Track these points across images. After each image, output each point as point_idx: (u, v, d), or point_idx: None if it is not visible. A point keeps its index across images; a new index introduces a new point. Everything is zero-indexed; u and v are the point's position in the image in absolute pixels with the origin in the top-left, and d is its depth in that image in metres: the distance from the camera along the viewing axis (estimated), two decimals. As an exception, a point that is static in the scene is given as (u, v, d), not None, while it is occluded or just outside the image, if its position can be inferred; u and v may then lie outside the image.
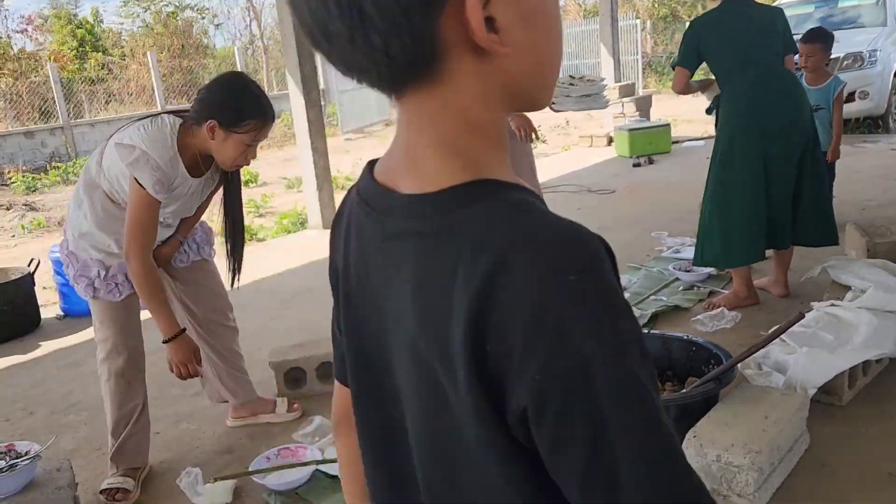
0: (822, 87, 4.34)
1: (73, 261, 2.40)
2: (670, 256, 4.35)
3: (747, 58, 3.25)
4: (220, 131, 2.19)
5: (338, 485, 2.32)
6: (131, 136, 2.19)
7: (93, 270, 2.36)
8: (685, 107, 13.34)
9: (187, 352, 2.33)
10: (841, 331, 2.63)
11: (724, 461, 2.01)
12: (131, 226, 2.19)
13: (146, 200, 2.17)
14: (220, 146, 2.23)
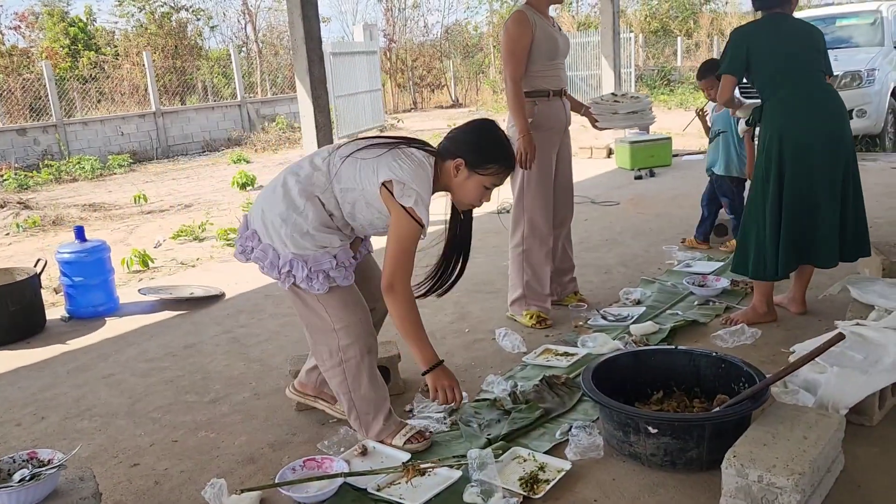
0: (723, 111, 4.57)
1: (300, 262, 2.37)
2: (682, 270, 4.35)
3: (793, 68, 3.25)
4: (464, 170, 2.35)
5: (366, 498, 2.28)
6: (392, 168, 2.28)
7: (325, 262, 2.37)
8: (681, 121, 13.42)
9: (451, 377, 2.42)
10: (869, 351, 2.63)
11: (766, 482, 1.99)
12: (400, 256, 2.28)
13: (416, 233, 2.29)
14: (461, 184, 2.38)
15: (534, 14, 3.50)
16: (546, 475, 2.32)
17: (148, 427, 2.92)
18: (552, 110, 3.59)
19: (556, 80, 3.59)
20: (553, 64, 3.56)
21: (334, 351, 2.47)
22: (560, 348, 3.35)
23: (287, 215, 2.37)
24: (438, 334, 3.69)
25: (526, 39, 3.45)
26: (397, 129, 17.06)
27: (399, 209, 2.24)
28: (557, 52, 3.57)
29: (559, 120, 3.64)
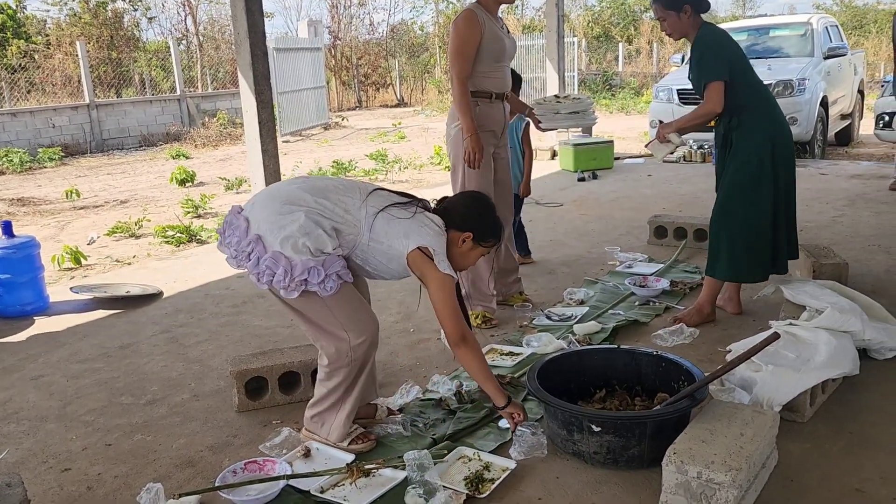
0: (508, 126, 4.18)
1: (318, 267, 2.34)
2: (624, 271, 4.43)
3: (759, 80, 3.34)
4: (471, 242, 2.51)
5: (309, 500, 2.25)
6: (423, 236, 2.41)
7: (338, 264, 2.38)
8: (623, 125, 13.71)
9: (520, 407, 2.57)
10: (801, 350, 2.73)
11: (705, 478, 2.04)
12: (453, 312, 2.44)
13: (451, 284, 2.43)
14: (466, 254, 2.54)
15: (483, 14, 3.48)
16: (491, 474, 2.32)
17: (80, 430, 2.81)
18: (492, 112, 3.61)
19: (500, 83, 3.60)
20: (499, 66, 3.56)
21: (344, 351, 2.44)
22: (505, 348, 3.37)
23: (310, 229, 2.34)
24: (383, 334, 3.65)
25: (475, 40, 3.43)
26: (342, 126, 16.92)
27: (437, 272, 2.40)
28: (504, 55, 3.57)
29: (498, 122, 3.66)
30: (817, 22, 9.84)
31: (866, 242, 4.88)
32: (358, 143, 13.62)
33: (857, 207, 5.94)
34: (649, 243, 5.08)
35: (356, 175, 9.48)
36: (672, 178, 7.63)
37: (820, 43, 9.37)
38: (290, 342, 3.54)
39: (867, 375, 2.85)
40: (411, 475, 2.28)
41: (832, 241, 4.85)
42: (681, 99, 9.05)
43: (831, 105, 9.30)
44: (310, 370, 2.96)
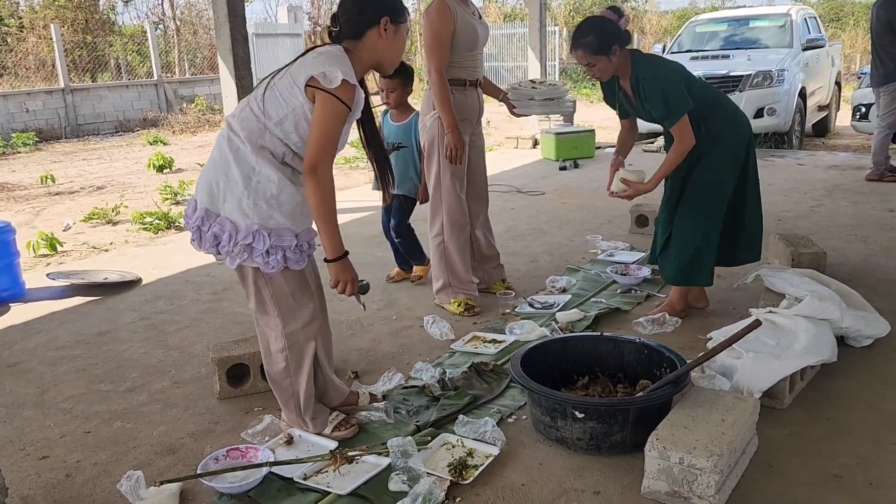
0: (404, 124, 3.94)
1: (264, 233, 2.27)
2: (606, 259, 4.45)
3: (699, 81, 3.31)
4: (391, 26, 2.32)
5: (292, 487, 2.24)
6: (308, 66, 2.21)
7: (287, 239, 2.30)
8: (602, 115, 13.75)
9: (352, 272, 2.38)
10: (781, 337, 2.75)
11: (687, 463, 2.06)
12: (324, 139, 2.21)
13: (342, 113, 2.21)
14: (391, 44, 2.33)
15: (454, 3, 3.46)
16: (475, 461, 2.33)
17: (58, 418, 2.77)
18: (467, 101, 3.59)
19: (473, 71, 3.57)
20: (472, 55, 3.54)
21: (278, 336, 2.42)
22: (488, 335, 3.37)
23: (247, 181, 2.27)
24: (366, 321, 3.65)
25: (448, 29, 3.41)
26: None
27: (323, 96, 2.18)
28: (477, 43, 3.55)
29: (472, 111, 3.65)
30: (796, 13, 9.92)
31: (844, 232, 4.94)
32: (338, 130, 13.52)
33: (835, 198, 6.01)
34: (631, 232, 5.11)
35: (337, 163, 9.43)
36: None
37: (799, 34, 9.45)
38: (272, 329, 3.52)
39: (845, 363, 2.89)
40: (395, 462, 2.28)
41: (810, 230, 4.91)
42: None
43: (809, 96, 9.40)
44: (292, 357, 2.94)
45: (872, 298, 3.36)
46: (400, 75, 3.73)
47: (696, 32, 10.31)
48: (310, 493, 2.21)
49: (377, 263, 4.63)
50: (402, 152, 3.95)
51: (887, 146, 6.56)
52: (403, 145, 3.94)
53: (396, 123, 3.96)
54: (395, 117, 3.97)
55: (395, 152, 3.91)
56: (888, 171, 6.53)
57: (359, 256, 4.78)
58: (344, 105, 2.20)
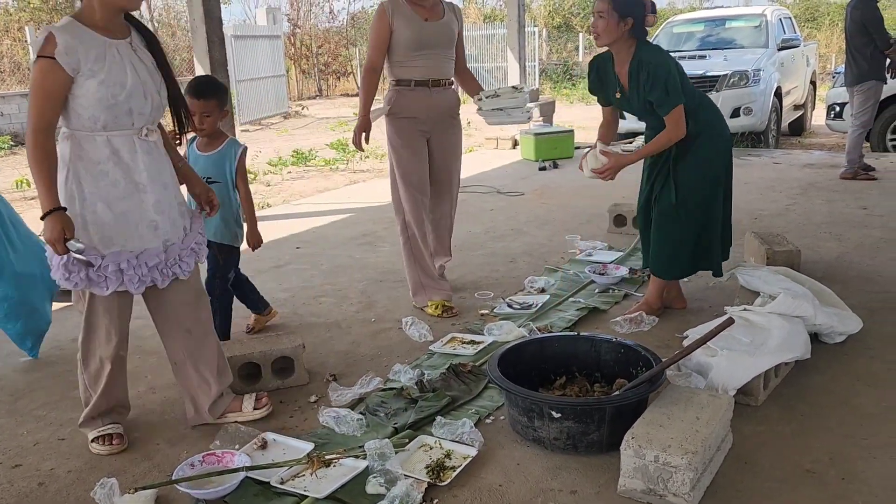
0: (214, 154, 3.16)
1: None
2: (584, 259, 4.47)
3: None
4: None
5: (269, 492, 2.23)
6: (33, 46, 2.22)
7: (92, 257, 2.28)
8: (582, 115, 13.81)
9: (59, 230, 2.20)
10: (755, 334, 2.78)
11: (662, 461, 2.07)
12: (31, 100, 2.19)
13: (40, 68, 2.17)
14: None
15: (396, 6, 3.54)
16: (452, 462, 2.33)
17: (31, 425, 2.74)
18: (412, 100, 3.60)
19: (420, 71, 3.58)
20: (419, 54, 3.55)
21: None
22: (466, 336, 3.37)
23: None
24: (344, 324, 3.64)
25: (381, 31, 3.55)
26: (302, 115, 16.73)
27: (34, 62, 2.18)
28: (421, 43, 3.55)
29: (422, 110, 3.62)
30: (771, 14, 10.04)
31: (818, 230, 5.00)
32: (318, 132, 13.48)
33: (810, 196, 6.08)
34: (609, 232, 5.14)
35: (317, 165, 9.39)
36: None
37: (774, 34, 9.56)
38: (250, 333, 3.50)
39: (818, 359, 2.92)
40: (372, 464, 2.28)
41: (785, 228, 4.97)
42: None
43: (785, 95, 9.51)
44: (270, 361, 2.93)
45: (845, 296, 3.40)
46: (214, 95, 3.09)
47: (674, 33, 10.39)
48: (287, 497, 2.20)
49: (356, 266, 4.62)
50: (217, 189, 3.00)
51: (861, 145, 6.65)
52: (214, 180, 3.11)
53: (204, 154, 3.17)
54: (203, 146, 3.18)
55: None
56: (862, 170, 6.62)
57: (337, 259, 4.78)
58: (44, 59, 2.15)
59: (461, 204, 6.24)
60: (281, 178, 8.65)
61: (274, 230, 5.60)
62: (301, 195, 7.49)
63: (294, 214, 6.29)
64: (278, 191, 7.87)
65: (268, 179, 8.60)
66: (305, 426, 2.65)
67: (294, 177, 8.74)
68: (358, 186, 7.67)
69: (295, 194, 7.59)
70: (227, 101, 3.25)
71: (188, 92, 3.00)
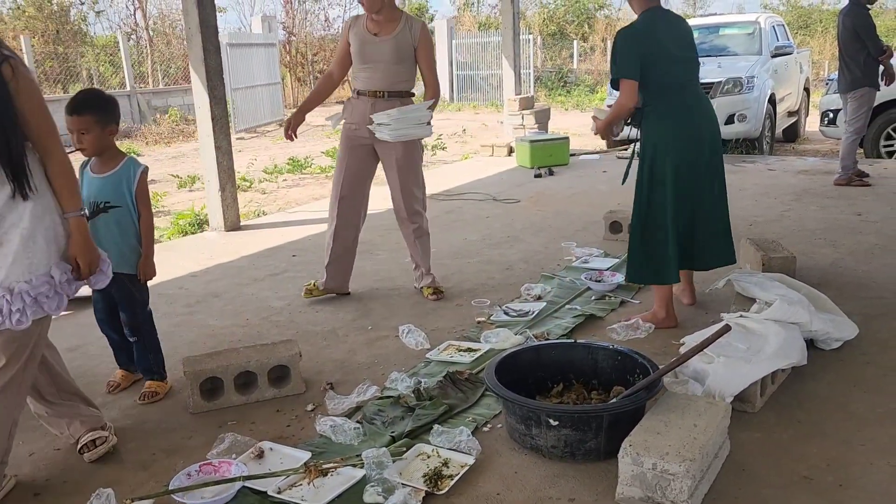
0: (110, 175, 2.85)
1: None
2: (580, 266, 4.47)
3: (678, 73, 3.29)
4: None
5: (266, 501, 2.22)
6: None
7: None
8: (577, 122, 13.86)
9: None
10: (752, 341, 2.79)
11: (660, 469, 2.07)
12: None
13: None
14: None
15: (356, 21, 3.85)
16: (450, 470, 2.32)
17: (27, 436, 2.72)
18: (354, 108, 3.86)
19: (363, 82, 3.82)
20: (364, 67, 3.80)
21: None
22: (463, 344, 3.37)
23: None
24: (341, 332, 3.64)
25: (341, 43, 3.93)
26: (297, 123, 16.73)
27: None
28: (364, 57, 3.79)
29: (361, 119, 3.82)
30: (765, 21, 10.09)
31: (813, 236, 5.02)
32: (314, 139, 13.48)
33: (804, 202, 6.10)
34: (605, 238, 5.14)
35: (312, 173, 9.38)
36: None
37: (767, 41, 9.61)
38: (246, 342, 3.49)
39: (814, 366, 2.93)
40: (370, 473, 2.27)
41: (780, 234, 4.98)
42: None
43: (779, 102, 9.56)
44: (266, 370, 2.93)
45: (841, 302, 3.41)
46: (90, 111, 2.74)
47: (668, 40, 10.42)
48: (284, 506, 2.19)
49: (352, 274, 4.61)
50: (114, 215, 2.83)
51: (854, 151, 6.69)
52: (113, 205, 2.83)
53: (98, 175, 2.86)
54: (97, 167, 2.88)
55: (102, 215, 2.83)
56: (856, 176, 6.64)
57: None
58: None
59: (456, 211, 6.28)
60: (276, 186, 8.65)
61: (270, 238, 5.60)
62: (297, 203, 7.49)
63: (290, 222, 6.28)
64: (274, 199, 7.87)
65: (263, 187, 8.60)
66: (302, 435, 2.64)
67: (290, 184, 8.74)
68: (354, 194, 7.67)
69: (291, 202, 7.59)
70: (111, 116, 2.81)
71: (65, 108, 2.73)
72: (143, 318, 3.00)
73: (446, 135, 12.30)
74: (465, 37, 20.86)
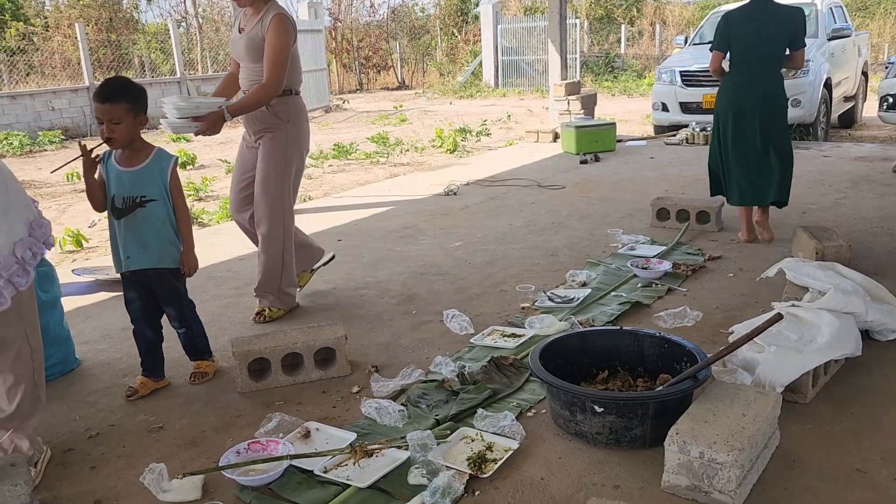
0: (141, 169, 2.75)
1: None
2: (626, 253, 4.42)
3: (742, 55, 4.36)
4: None
5: (312, 480, 2.26)
6: None
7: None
8: (623, 107, 13.65)
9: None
10: (804, 331, 2.72)
11: (708, 458, 2.04)
12: None
13: None
14: None
15: (241, 15, 3.55)
16: (494, 454, 2.33)
17: (83, 411, 2.82)
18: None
19: (242, 81, 3.60)
20: (241, 65, 3.57)
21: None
22: (507, 329, 3.37)
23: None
24: (386, 316, 3.67)
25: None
26: (343, 109, 16.85)
27: None
28: (234, 55, 3.60)
29: (242, 120, 3.61)
30: (822, 3, 9.75)
31: (869, 224, 4.86)
32: (359, 125, 13.57)
33: (861, 189, 5.91)
34: (652, 225, 5.07)
35: (357, 158, 9.45)
36: (675, 160, 7.61)
37: (824, 24, 9.30)
38: (293, 324, 3.55)
39: (869, 357, 2.85)
40: (414, 455, 2.29)
41: (835, 223, 4.84)
42: (684, 81, 9.00)
43: (835, 87, 9.25)
44: (312, 351, 2.97)
45: (898, 292, 3.30)
46: (123, 98, 2.64)
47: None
48: (330, 485, 2.22)
49: (396, 259, 4.64)
50: (151, 209, 2.75)
51: (915, 137, 6.45)
52: (149, 199, 2.75)
53: (128, 169, 2.75)
54: (124, 161, 2.76)
55: (139, 210, 2.74)
56: (916, 163, 6.41)
57: (378, 251, 4.81)
58: None
59: (500, 197, 6.26)
60: (322, 172, 8.72)
61: (315, 223, 5.66)
62: (342, 188, 7.55)
63: (335, 207, 6.34)
64: (319, 184, 7.94)
65: (309, 172, 8.68)
66: (348, 416, 2.68)
67: (335, 170, 8.82)
68: (398, 180, 7.70)
69: (336, 187, 7.65)
70: (142, 104, 2.71)
71: (94, 96, 2.66)
72: (190, 309, 3.01)
73: (490, 121, 12.24)
74: (510, 21, 20.66)
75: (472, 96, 18.88)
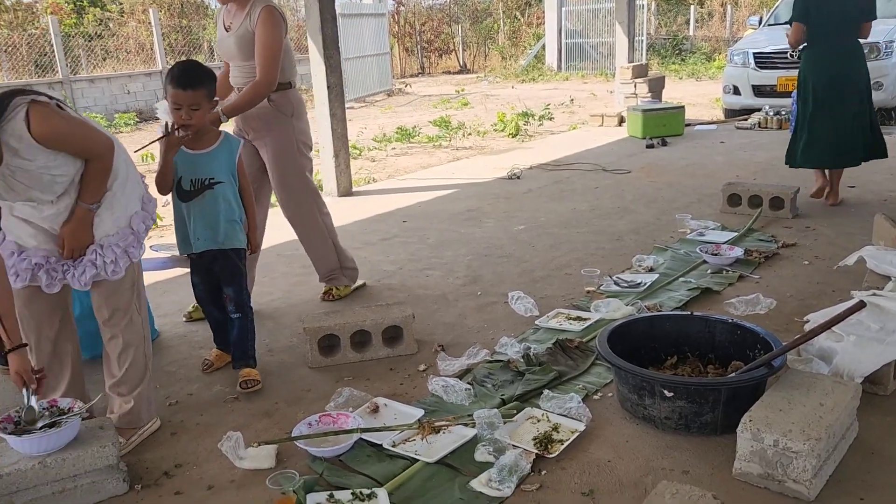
0: (213, 151, 2.78)
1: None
2: (695, 239, 4.33)
3: (825, 30, 4.70)
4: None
5: (382, 454, 2.30)
6: None
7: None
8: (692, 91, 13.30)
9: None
10: (886, 320, 2.62)
11: (782, 446, 2.00)
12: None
13: None
14: None
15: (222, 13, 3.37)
16: (560, 435, 2.33)
17: (163, 380, 2.94)
18: None
19: (234, 79, 3.41)
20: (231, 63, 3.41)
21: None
22: (573, 312, 3.35)
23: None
24: (451, 296, 3.70)
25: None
26: (405, 93, 16.92)
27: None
28: (222, 54, 3.43)
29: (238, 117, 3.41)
30: (908, -19, 9.28)
31: (956, 213, 4.63)
32: (421, 109, 13.61)
33: (946, 177, 5.64)
34: (722, 211, 4.95)
35: (420, 142, 9.49)
36: (746, 144, 7.39)
37: (910, 3, 8.85)
38: (361, 302, 3.61)
39: (955, 349, 2.73)
40: (481, 433, 2.31)
41: (918, 211, 4.63)
42: (757, 63, 8.71)
43: (920, 70, 8.79)
44: (380, 330, 3.02)
45: None
46: (202, 84, 2.66)
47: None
48: (398, 459, 2.27)
49: (461, 240, 4.66)
50: (219, 191, 2.77)
51: None
52: (217, 181, 2.76)
53: (197, 152, 2.77)
54: (191, 143, 2.76)
55: (207, 192, 2.76)
56: None
57: (443, 233, 4.84)
58: None
59: (564, 181, 6.21)
60: (385, 154, 8.80)
61: (380, 204, 5.73)
62: (405, 171, 7.60)
63: (399, 189, 6.40)
64: (383, 166, 8.01)
65: (373, 155, 8.77)
66: (415, 393, 2.72)
67: (398, 153, 8.88)
68: (461, 163, 7.71)
69: (399, 170, 7.71)
70: (214, 89, 2.74)
71: (170, 81, 2.63)
72: (247, 294, 2.94)
73: (553, 104, 12.10)
74: (575, 4, 20.32)
75: (535, 80, 18.68)
